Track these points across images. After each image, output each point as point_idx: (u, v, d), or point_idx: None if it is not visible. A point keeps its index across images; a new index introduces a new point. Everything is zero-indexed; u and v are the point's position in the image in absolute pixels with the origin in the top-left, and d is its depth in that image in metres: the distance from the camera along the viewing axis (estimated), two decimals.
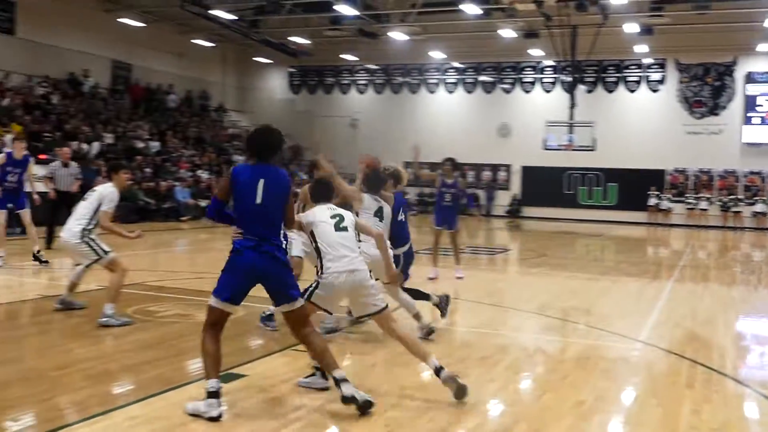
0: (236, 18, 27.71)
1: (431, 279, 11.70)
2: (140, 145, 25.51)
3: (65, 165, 14.06)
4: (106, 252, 7.70)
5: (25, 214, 12.18)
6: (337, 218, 5.73)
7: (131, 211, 19.02)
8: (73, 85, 26.97)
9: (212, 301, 5.00)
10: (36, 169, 16.05)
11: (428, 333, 7.31)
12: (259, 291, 5.11)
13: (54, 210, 13.62)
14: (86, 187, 10.46)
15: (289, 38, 30.88)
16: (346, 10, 26.15)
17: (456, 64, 34.42)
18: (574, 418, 5.08)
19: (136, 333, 7.31)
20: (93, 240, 7.72)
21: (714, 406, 5.54)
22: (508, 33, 27.97)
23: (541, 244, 21.04)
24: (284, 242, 5.73)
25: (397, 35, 29.13)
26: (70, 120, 23.81)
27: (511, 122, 33.38)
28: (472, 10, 24.99)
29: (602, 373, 6.45)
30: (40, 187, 13.36)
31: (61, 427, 4.58)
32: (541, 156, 30.68)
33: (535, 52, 30.92)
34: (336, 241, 5.59)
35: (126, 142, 25.22)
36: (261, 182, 5.05)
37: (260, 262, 4.96)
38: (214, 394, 4.75)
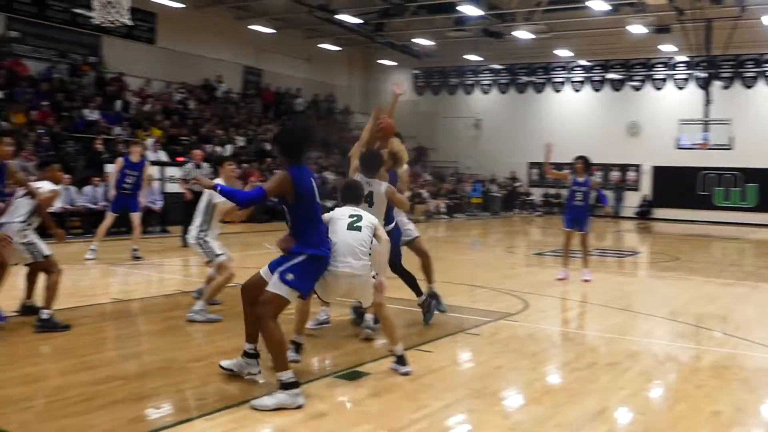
0: (361, 22, 28.10)
1: (560, 279, 11.50)
2: (270, 147, 26.37)
3: (198, 167, 14.63)
4: (216, 255, 7.90)
5: (136, 216, 12.68)
6: (355, 218, 5.86)
7: (262, 211, 19.58)
8: (208, 90, 28.25)
9: (293, 295, 5.25)
10: (173, 171, 16.84)
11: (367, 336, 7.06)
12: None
13: (188, 210, 14.23)
14: None
15: (413, 40, 31.00)
16: (470, 10, 25.99)
17: (583, 62, 33.45)
18: (709, 430, 4.85)
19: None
20: (206, 242, 7.86)
21: None
22: (637, 29, 26.99)
23: (673, 247, 20.14)
24: None
25: (522, 34, 28.67)
26: (205, 124, 24.96)
27: (641, 120, 32.07)
28: (599, 6, 24.30)
29: (741, 383, 6.08)
30: (175, 188, 13.83)
31: (199, 416, 4.75)
32: (674, 155, 29.27)
33: (667, 48, 29.58)
34: (344, 239, 5.71)
35: (257, 144, 26.16)
36: (315, 186, 5.39)
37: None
38: (294, 384, 4.97)
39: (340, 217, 5.86)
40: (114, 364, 6.16)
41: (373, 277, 5.87)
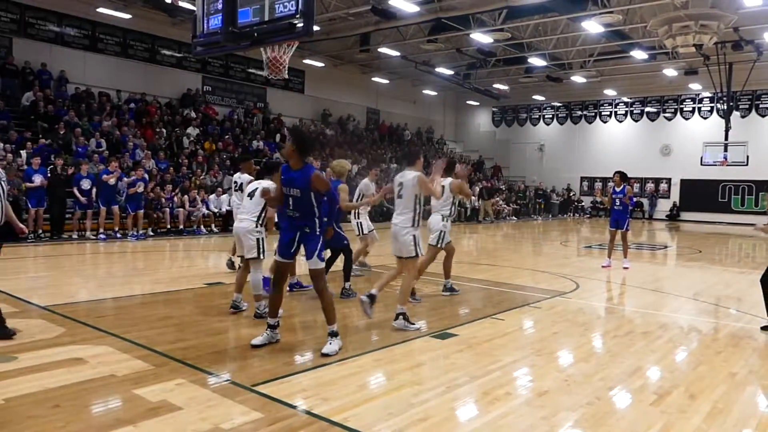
0: (453, 73, 28.03)
1: (604, 267, 11.11)
2: (384, 166, 26.63)
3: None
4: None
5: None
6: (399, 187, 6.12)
7: (378, 213, 19.68)
8: (341, 125, 28.86)
9: (319, 265, 5.06)
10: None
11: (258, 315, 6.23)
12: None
13: None
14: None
15: (493, 85, 30.63)
16: (536, 61, 25.57)
17: (625, 99, 31.98)
18: (727, 387, 4.55)
19: (380, 300, 7.60)
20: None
21: None
22: (670, 72, 25.63)
23: (697, 242, 18.94)
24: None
25: (577, 78, 27.84)
26: (338, 150, 25.48)
27: (672, 144, 30.39)
28: (640, 55, 23.29)
29: (753, 351, 5.67)
30: None
31: (333, 362, 4.83)
32: (698, 170, 27.55)
33: (695, 86, 27.87)
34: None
35: (375, 163, 26.45)
36: None
37: None
38: (337, 333, 5.10)
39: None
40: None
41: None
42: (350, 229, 8.38)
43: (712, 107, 29.22)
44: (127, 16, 19.88)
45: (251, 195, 6.39)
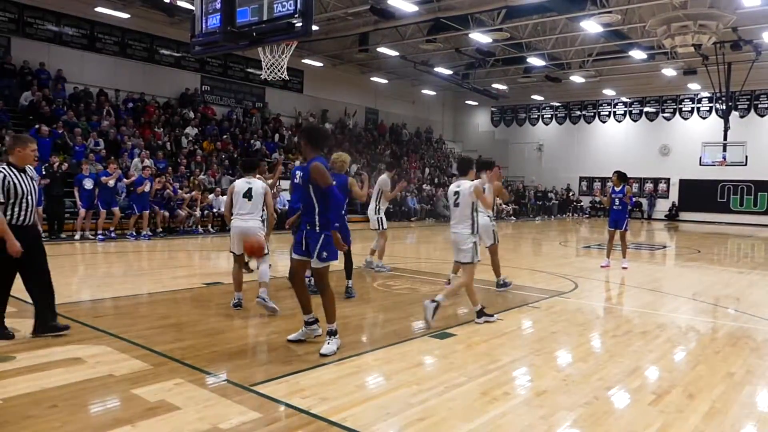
0: (452, 72, 28.04)
1: (603, 267, 11.12)
2: (382, 166, 26.58)
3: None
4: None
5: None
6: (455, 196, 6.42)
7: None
8: (341, 124, 28.85)
9: (320, 265, 4.99)
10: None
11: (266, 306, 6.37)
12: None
13: None
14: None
15: (492, 85, 30.66)
16: (535, 61, 25.57)
17: (624, 99, 32.05)
18: (725, 387, 4.55)
19: (379, 300, 7.65)
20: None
21: None
22: (669, 72, 25.67)
23: (695, 242, 18.96)
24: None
25: (576, 78, 27.88)
26: (338, 148, 25.43)
27: (671, 144, 30.45)
28: (638, 55, 23.31)
29: (752, 351, 5.66)
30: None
31: (332, 362, 4.83)
32: (697, 170, 27.61)
33: (693, 86, 27.93)
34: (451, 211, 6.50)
35: (375, 161, 26.47)
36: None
37: None
38: (336, 331, 5.11)
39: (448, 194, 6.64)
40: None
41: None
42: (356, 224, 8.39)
43: (711, 107, 29.27)
44: (126, 15, 19.88)
45: (248, 196, 6.45)
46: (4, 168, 5.11)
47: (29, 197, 5.17)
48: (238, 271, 6.65)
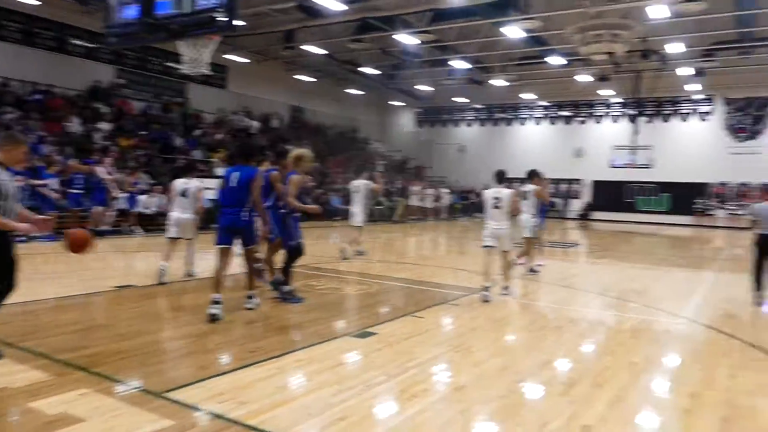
0: (379, 73, 28.18)
1: (519, 265, 11.45)
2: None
3: None
4: None
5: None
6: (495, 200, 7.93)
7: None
8: (265, 122, 28.32)
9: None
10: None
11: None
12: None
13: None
14: None
15: (416, 87, 31.04)
16: (459, 64, 26.10)
17: (543, 103, 33.34)
18: (628, 375, 4.85)
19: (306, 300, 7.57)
20: None
21: (749, 372, 5.07)
22: (584, 78, 26.88)
23: (605, 240, 20.05)
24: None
25: (498, 82, 28.59)
26: (261, 148, 24.94)
27: (585, 146, 31.98)
28: (556, 61, 24.25)
29: (652, 341, 6.10)
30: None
31: (251, 364, 4.72)
32: (608, 172, 29.21)
33: (606, 92, 29.43)
34: (490, 212, 8.03)
35: None
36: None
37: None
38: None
39: (486, 198, 8.16)
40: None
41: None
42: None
43: (622, 112, 31.02)
44: (35, 2, 18.62)
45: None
46: None
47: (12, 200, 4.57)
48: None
